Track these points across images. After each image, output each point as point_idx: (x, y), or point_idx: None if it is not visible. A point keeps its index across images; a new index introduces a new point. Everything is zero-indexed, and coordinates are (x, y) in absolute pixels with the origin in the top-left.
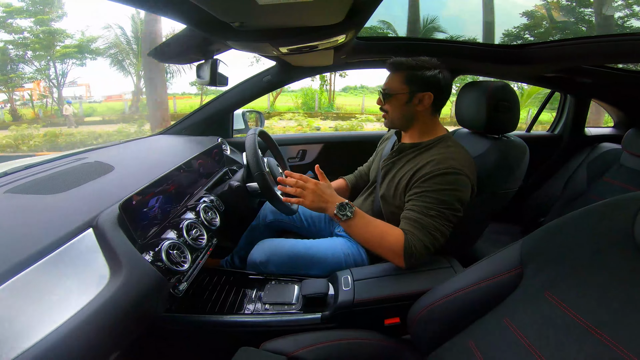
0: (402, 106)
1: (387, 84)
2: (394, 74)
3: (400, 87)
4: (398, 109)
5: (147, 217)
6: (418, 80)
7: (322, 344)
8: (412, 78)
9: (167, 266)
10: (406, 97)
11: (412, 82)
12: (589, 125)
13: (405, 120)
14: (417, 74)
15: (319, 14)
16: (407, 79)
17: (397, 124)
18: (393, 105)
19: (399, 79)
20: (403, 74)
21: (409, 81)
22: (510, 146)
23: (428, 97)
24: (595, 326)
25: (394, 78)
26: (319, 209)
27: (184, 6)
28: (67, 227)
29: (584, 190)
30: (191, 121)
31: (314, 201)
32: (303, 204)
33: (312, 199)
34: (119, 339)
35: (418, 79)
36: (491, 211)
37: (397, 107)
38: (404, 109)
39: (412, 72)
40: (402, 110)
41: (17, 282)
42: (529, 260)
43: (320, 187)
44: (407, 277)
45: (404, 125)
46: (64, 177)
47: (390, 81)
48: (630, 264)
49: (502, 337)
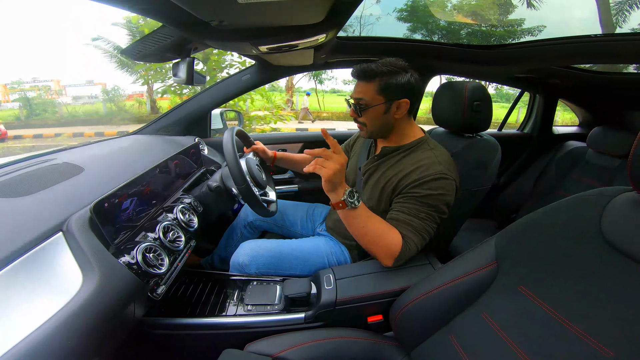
0: (380, 117)
1: (360, 94)
2: (366, 83)
3: (375, 98)
4: (377, 121)
5: (120, 219)
6: (393, 88)
7: (307, 343)
8: (386, 87)
9: (144, 269)
10: (383, 108)
11: (387, 90)
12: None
13: (384, 130)
14: (391, 82)
15: (299, 14)
16: (380, 89)
17: (376, 134)
18: (370, 117)
19: (372, 89)
20: (376, 83)
21: (383, 90)
22: (484, 145)
23: (405, 104)
24: (569, 320)
25: (366, 88)
26: (331, 186)
27: (163, 4)
28: (34, 232)
29: (553, 186)
30: (167, 120)
31: (334, 176)
32: (321, 173)
33: (334, 173)
34: (97, 345)
35: (392, 86)
36: (468, 208)
37: (375, 118)
38: (382, 119)
39: (385, 81)
40: (380, 121)
41: None
42: (504, 255)
43: (341, 164)
44: (388, 275)
45: (384, 135)
46: (31, 179)
47: (362, 91)
48: (599, 258)
49: (482, 331)
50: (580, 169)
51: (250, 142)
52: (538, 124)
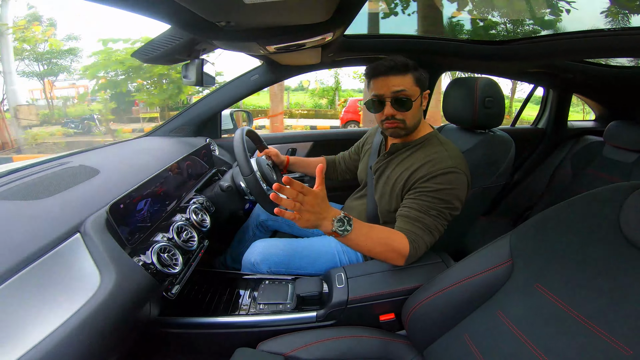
0: (419, 110)
1: (400, 86)
2: (402, 76)
3: (415, 90)
4: (416, 115)
5: (136, 220)
6: (423, 80)
7: (319, 342)
8: (419, 78)
9: (159, 269)
10: (419, 100)
11: (420, 82)
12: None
13: (417, 125)
14: (421, 73)
15: (306, 13)
16: (416, 80)
17: (412, 130)
18: (412, 111)
19: (410, 81)
20: (412, 75)
21: (418, 81)
22: (497, 141)
23: (428, 96)
24: (586, 317)
25: (404, 81)
26: (313, 226)
27: (170, 6)
28: (53, 234)
29: (569, 182)
30: (178, 122)
31: (310, 220)
32: (297, 222)
33: (309, 217)
34: (114, 343)
35: (422, 78)
36: (481, 205)
37: (416, 112)
38: (419, 113)
39: (418, 72)
40: (418, 115)
41: (3, 291)
42: (519, 253)
43: (317, 201)
44: (400, 273)
45: (413, 130)
46: (48, 182)
47: (401, 84)
48: (617, 255)
49: (496, 330)
50: (597, 164)
51: (262, 144)
52: (552, 119)
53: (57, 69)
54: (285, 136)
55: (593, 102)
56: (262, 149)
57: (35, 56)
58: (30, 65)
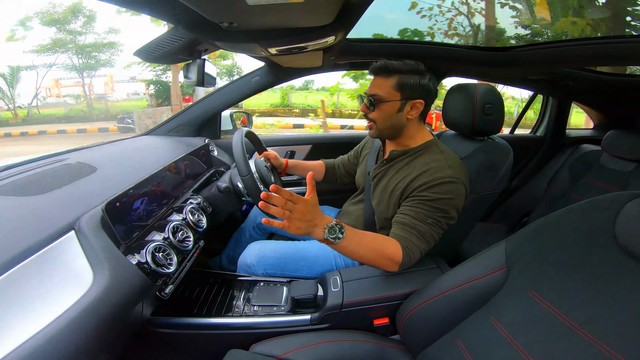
0: (392, 115)
1: (375, 89)
2: (383, 78)
3: (391, 94)
4: (388, 119)
5: (131, 219)
6: (410, 87)
7: (312, 345)
8: (403, 84)
9: (153, 269)
10: (397, 105)
11: (404, 88)
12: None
13: (395, 130)
14: (409, 80)
15: (309, 15)
16: (398, 85)
17: (385, 134)
18: (382, 113)
19: (389, 84)
20: (394, 79)
21: (400, 87)
22: (496, 148)
23: (420, 105)
24: (580, 325)
25: (383, 83)
26: (304, 234)
27: (173, 6)
28: (47, 231)
29: (566, 190)
30: (178, 122)
31: (300, 228)
32: (287, 230)
33: (299, 225)
34: (105, 342)
35: (410, 85)
36: (478, 212)
37: (387, 116)
38: (394, 117)
39: (404, 78)
40: (392, 119)
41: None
42: (514, 259)
43: (308, 208)
44: (395, 278)
45: (393, 135)
46: (45, 178)
47: (378, 86)
48: (613, 263)
49: (490, 336)
50: (594, 173)
51: (262, 146)
52: (551, 127)
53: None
54: (284, 138)
55: (592, 110)
56: (261, 151)
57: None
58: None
